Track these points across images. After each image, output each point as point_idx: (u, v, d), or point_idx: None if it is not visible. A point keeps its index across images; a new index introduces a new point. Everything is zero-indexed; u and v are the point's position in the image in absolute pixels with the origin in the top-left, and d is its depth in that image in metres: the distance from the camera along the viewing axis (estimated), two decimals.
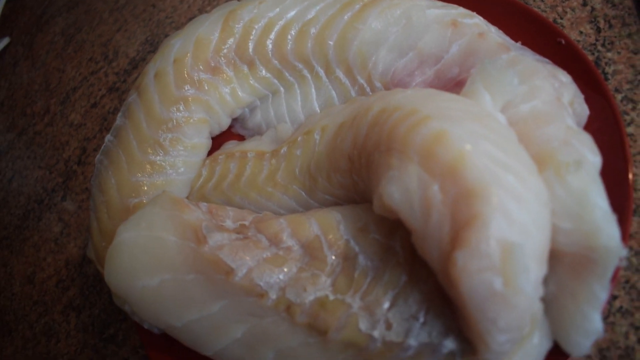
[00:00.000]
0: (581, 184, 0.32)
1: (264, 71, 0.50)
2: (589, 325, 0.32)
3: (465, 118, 0.34)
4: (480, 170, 0.31)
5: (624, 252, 0.30)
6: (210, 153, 0.53)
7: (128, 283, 0.40)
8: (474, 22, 0.43)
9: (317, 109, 0.50)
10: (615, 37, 0.46)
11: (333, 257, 0.39)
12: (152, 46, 0.69)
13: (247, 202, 0.48)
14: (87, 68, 0.71)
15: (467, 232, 0.30)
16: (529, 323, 0.32)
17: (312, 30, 0.48)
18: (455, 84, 0.43)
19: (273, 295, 0.38)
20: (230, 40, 0.50)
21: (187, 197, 0.51)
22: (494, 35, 0.42)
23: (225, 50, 0.50)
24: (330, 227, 0.40)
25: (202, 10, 0.69)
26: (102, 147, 0.51)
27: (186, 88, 0.50)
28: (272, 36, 0.50)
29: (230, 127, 0.55)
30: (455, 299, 0.31)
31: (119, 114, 0.51)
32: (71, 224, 0.60)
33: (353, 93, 0.48)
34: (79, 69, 0.72)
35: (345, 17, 0.47)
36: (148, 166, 0.48)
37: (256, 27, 0.50)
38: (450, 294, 0.32)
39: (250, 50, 0.50)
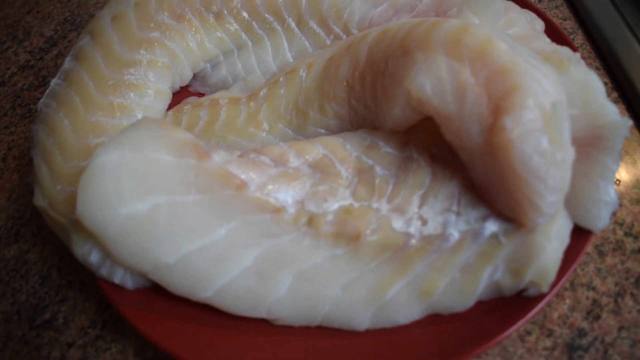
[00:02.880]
0: (582, 73, 0.36)
1: (231, 23, 0.49)
2: (606, 196, 0.35)
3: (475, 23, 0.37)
4: (508, 51, 0.33)
5: (629, 122, 0.34)
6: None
7: (109, 212, 0.34)
8: None
9: (291, 59, 0.49)
10: (545, 8, 0.54)
11: (348, 171, 0.37)
12: (74, 25, 0.63)
13: (224, 146, 0.44)
14: None
15: (510, 100, 0.31)
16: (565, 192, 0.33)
17: None
18: None
19: (291, 210, 0.35)
20: None
21: None
22: None
23: None
24: (336, 147, 0.39)
25: None
26: (47, 91, 0.44)
27: (150, 30, 0.46)
28: None
29: (187, 86, 0.51)
30: (500, 172, 0.32)
31: (67, 58, 0.45)
32: None
33: (328, 42, 0.48)
34: None
35: None
36: (110, 107, 0.43)
37: None
38: (492, 170, 0.32)
39: (218, 1, 0.49)
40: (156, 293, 0.38)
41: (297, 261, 0.35)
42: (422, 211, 0.35)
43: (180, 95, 0.50)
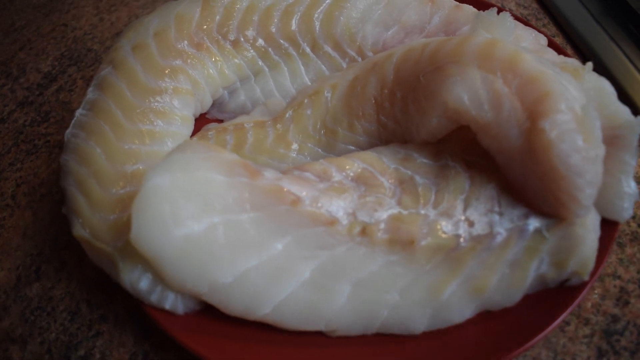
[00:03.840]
0: (596, 80, 0.40)
1: (248, 50, 0.50)
2: (628, 189, 0.38)
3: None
4: (535, 61, 0.36)
5: None
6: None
7: (166, 234, 0.34)
8: None
9: (309, 82, 0.51)
10: (534, 26, 0.58)
11: (389, 182, 0.39)
12: (72, 60, 0.62)
13: None
14: None
15: (544, 105, 0.34)
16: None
17: (298, 10, 0.51)
18: None
19: (344, 221, 0.36)
20: (212, 19, 0.50)
21: None
22: (468, 6, 0.51)
23: (206, 28, 0.49)
24: (374, 161, 0.40)
25: None
26: (73, 122, 0.43)
27: (172, 59, 0.47)
28: (255, 17, 0.50)
29: (204, 113, 0.52)
30: (540, 171, 0.34)
31: (90, 89, 0.45)
32: None
33: (344, 64, 0.50)
34: None
35: None
36: (140, 134, 0.43)
37: (238, 7, 0.50)
38: (532, 170, 0.35)
39: (234, 29, 0.50)
40: (207, 316, 0.38)
41: (354, 270, 0.36)
42: (468, 214, 0.37)
43: (199, 122, 0.51)
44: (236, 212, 0.35)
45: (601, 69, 0.53)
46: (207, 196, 0.35)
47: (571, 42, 0.56)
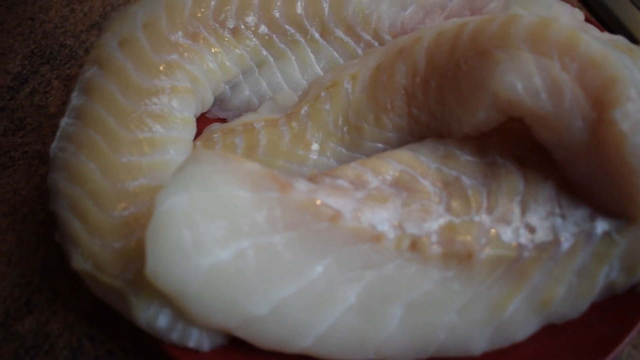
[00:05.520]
0: None
1: (250, 38, 0.45)
2: None
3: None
4: (595, 43, 0.32)
5: None
6: None
7: (188, 265, 0.29)
8: None
9: (320, 72, 0.45)
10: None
11: (433, 185, 0.34)
12: (44, 57, 0.55)
13: None
14: None
15: (612, 93, 0.30)
16: None
17: None
18: None
19: (391, 235, 0.32)
20: (206, 5, 0.43)
21: None
22: None
23: (201, 16, 0.43)
24: (411, 161, 0.36)
25: (104, 17, 0.58)
26: (59, 133, 0.37)
27: (167, 53, 0.41)
28: (255, 1, 0.45)
29: (204, 113, 0.46)
30: (609, 167, 0.30)
31: (74, 94, 0.39)
32: None
33: (359, 50, 0.45)
34: None
35: None
36: (138, 143, 0.37)
37: None
38: (599, 166, 0.31)
39: (232, 16, 0.44)
40: (236, 348, 0.33)
41: (405, 291, 0.32)
42: (527, 218, 0.33)
43: (199, 122, 0.45)
44: (267, 233, 0.30)
45: None
46: (233, 217, 0.30)
47: (592, 12, 0.53)
